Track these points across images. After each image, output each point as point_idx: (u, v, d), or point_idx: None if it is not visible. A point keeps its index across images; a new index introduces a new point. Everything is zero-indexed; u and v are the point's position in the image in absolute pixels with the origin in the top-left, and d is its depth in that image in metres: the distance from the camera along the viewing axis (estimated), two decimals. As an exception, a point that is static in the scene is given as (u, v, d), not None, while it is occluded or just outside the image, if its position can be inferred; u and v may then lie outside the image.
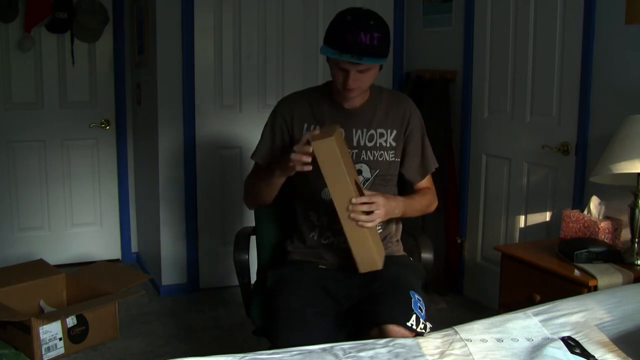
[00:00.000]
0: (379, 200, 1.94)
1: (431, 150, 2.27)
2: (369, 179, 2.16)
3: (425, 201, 2.23)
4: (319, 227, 2.21)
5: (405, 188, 2.33)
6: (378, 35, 1.94)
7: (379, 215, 1.94)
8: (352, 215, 1.89)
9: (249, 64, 3.96)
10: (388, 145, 2.18)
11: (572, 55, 3.07)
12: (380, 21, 2.00)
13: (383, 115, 2.18)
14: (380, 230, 2.22)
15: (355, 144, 2.15)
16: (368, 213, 1.91)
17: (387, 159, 2.17)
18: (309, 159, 1.91)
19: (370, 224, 1.92)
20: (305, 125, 2.18)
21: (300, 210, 2.26)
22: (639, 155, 2.42)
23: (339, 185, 1.89)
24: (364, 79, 2.04)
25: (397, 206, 2.06)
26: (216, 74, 3.91)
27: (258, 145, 2.26)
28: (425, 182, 2.28)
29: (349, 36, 1.92)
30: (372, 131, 2.17)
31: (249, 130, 3.85)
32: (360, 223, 1.90)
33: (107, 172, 4.48)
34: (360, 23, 1.94)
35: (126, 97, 4.45)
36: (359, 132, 2.16)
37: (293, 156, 1.92)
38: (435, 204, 2.29)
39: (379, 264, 2.01)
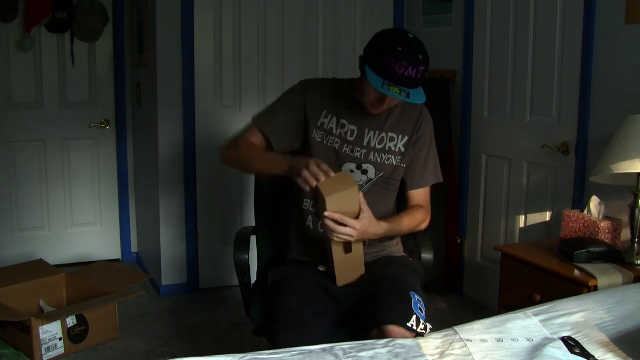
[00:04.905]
0: (355, 226, 1.92)
1: (436, 164, 2.26)
2: (372, 179, 2.17)
3: (414, 222, 2.19)
4: (314, 213, 2.20)
5: (402, 195, 2.32)
6: (423, 69, 1.96)
7: (351, 234, 1.93)
8: (324, 222, 1.91)
9: (249, 64, 3.96)
10: (397, 150, 2.18)
11: (572, 55, 3.07)
12: (426, 53, 1.99)
13: (397, 120, 2.19)
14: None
15: (365, 144, 2.16)
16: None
17: (394, 163, 2.18)
18: (317, 180, 1.90)
19: (335, 238, 1.93)
20: (324, 112, 2.18)
21: (301, 210, 2.26)
22: (639, 155, 2.42)
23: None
24: (394, 101, 2.07)
25: (377, 232, 2.03)
26: (216, 74, 3.91)
27: (267, 111, 2.23)
28: (421, 197, 2.25)
29: (399, 69, 1.92)
30: (384, 134, 2.17)
31: (249, 130, 3.85)
32: (329, 233, 1.93)
33: (107, 172, 4.48)
34: (410, 57, 1.93)
35: (126, 97, 4.45)
36: (371, 133, 2.17)
37: (310, 169, 1.90)
38: (427, 222, 2.25)
39: (337, 282, 2.09)
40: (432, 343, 1.75)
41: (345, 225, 1.90)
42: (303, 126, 2.20)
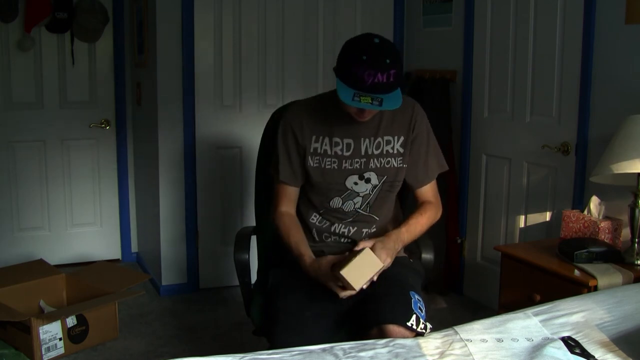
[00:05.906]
0: (386, 263, 2.03)
1: (438, 156, 2.25)
2: (377, 185, 2.16)
3: (425, 222, 2.21)
4: (319, 227, 2.21)
5: (407, 194, 2.32)
6: (394, 72, 1.92)
7: (381, 270, 2.01)
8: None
9: (249, 64, 3.96)
10: (395, 151, 2.17)
11: (572, 55, 3.07)
12: (395, 55, 1.95)
13: (389, 122, 2.17)
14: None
15: (363, 152, 2.14)
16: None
17: (395, 165, 2.17)
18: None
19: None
20: (314, 137, 2.16)
21: (302, 211, 2.26)
22: (639, 155, 2.42)
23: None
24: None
25: (399, 246, 2.13)
26: (216, 74, 3.91)
27: (277, 163, 2.22)
28: (428, 193, 2.25)
29: (367, 78, 1.89)
30: (379, 139, 2.15)
31: (248, 130, 3.85)
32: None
33: (107, 172, 4.48)
34: (376, 64, 1.90)
35: (126, 97, 4.45)
36: (367, 141, 2.15)
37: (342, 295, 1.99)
38: (438, 216, 2.26)
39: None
40: (432, 343, 1.75)
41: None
42: (303, 153, 2.19)
